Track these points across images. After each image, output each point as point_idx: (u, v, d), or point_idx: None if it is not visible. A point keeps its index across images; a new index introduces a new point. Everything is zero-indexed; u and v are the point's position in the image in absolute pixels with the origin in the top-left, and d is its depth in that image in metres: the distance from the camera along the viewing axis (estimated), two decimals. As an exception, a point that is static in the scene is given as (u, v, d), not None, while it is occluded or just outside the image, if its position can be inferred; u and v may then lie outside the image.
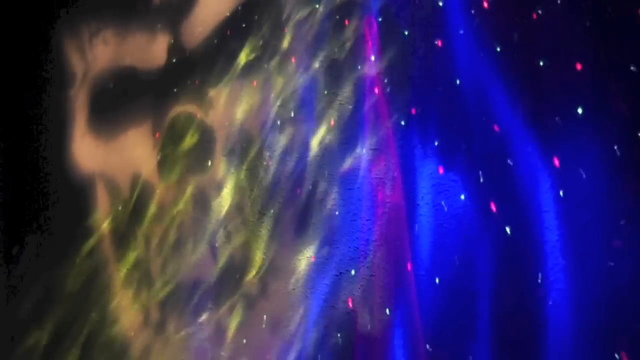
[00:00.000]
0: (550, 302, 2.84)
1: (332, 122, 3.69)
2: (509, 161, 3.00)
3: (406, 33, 3.42)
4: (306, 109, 3.78)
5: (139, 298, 4.14)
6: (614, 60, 2.79)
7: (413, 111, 3.34)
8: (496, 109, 3.07)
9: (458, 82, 3.20)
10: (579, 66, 2.87)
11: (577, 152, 2.85)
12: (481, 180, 3.07)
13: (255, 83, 3.94)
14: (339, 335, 3.41)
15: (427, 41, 3.30)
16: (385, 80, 3.45)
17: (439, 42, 3.31)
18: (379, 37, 3.54)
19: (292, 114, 3.81)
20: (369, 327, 3.34)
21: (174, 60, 4.21)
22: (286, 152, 3.81)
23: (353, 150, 3.51)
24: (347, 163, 3.54)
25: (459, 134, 3.15)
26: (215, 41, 4.09)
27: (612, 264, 2.72)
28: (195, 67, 4.13)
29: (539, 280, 2.87)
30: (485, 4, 3.17)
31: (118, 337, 4.19)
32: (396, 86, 3.39)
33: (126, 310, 4.18)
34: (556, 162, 2.91)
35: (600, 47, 2.83)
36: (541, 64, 2.98)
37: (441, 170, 3.24)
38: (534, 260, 2.88)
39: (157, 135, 4.18)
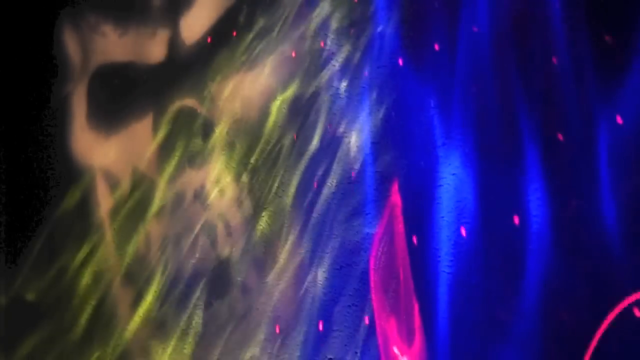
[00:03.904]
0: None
1: (330, 122, 3.72)
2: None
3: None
4: (307, 104, 3.79)
5: (140, 292, 4.15)
6: None
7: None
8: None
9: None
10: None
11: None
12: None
13: (256, 77, 3.95)
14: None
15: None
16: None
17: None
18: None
19: (294, 110, 3.82)
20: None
21: (175, 54, 4.22)
22: (287, 148, 3.83)
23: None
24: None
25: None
26: (216, 35, 4.09)
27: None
28: (195, 61, 4.13)
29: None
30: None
31: (118, 333, 4.20)
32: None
33: (126, 305, 4.19)
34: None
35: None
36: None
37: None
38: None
39: (158, 129, 4.19)
